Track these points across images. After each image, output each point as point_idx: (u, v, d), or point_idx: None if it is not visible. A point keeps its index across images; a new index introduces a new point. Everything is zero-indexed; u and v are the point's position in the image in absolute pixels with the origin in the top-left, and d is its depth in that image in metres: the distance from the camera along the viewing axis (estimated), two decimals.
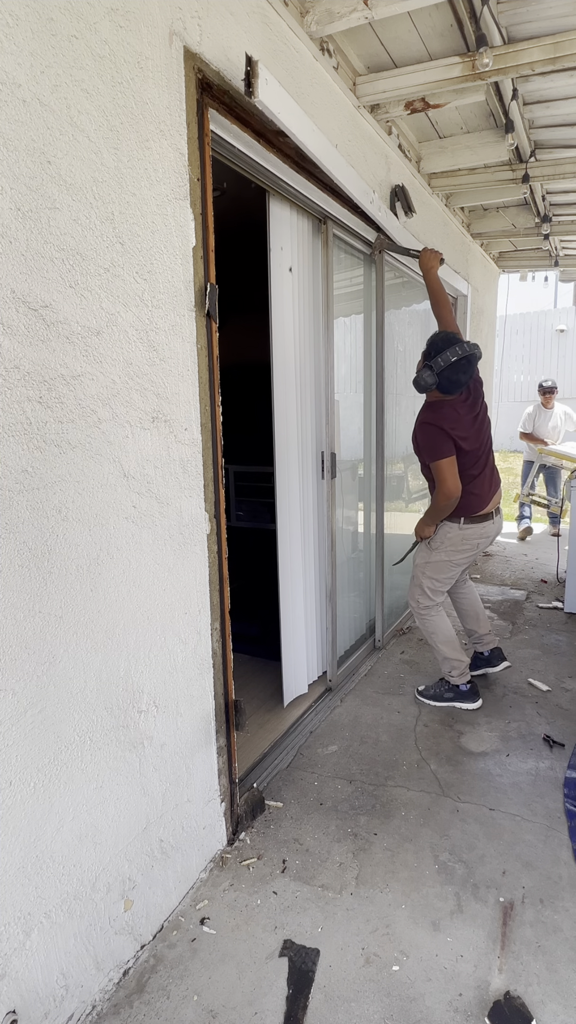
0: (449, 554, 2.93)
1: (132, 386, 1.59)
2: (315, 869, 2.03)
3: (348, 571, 3.50)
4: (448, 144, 3.71)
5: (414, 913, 1.86)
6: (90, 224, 1.42)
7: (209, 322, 1.88)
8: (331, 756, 2.66)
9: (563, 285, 17.00)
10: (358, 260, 3.37)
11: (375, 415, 3.65)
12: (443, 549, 2.93)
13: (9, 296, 1.24)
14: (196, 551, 1.89)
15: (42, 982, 1.43)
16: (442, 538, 2.93)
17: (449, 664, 3.04)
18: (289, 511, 2.86)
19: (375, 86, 2.81)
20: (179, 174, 1.71)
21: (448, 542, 2.92)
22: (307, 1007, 1.58)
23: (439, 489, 2.77)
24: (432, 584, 3.01)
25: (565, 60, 2.50)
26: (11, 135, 1.22)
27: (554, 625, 4.16)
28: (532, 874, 1.99)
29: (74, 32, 1.35)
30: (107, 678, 1.57)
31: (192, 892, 1.95)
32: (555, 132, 3.54)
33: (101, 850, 1.58)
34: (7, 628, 1.29)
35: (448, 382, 2.68)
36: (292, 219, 2.66)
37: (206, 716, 1.99)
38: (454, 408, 2.78)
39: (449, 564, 2.96)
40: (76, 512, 1.44)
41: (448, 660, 3.03)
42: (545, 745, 2.70)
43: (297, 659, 3.01)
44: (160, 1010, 1.59)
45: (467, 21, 2.44)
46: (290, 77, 2.28)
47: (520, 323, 16.06)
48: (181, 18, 1.68)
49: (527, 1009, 1.55)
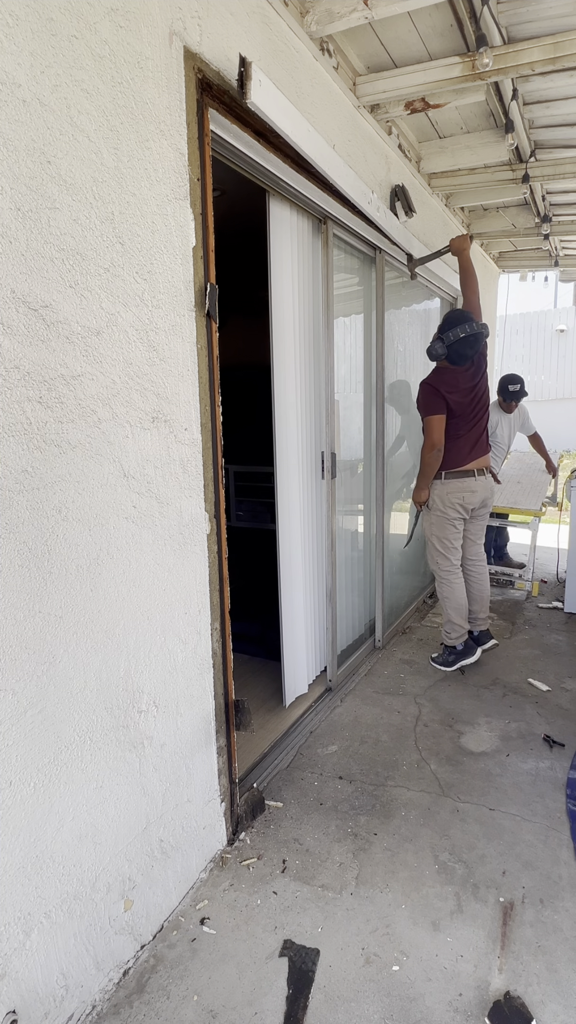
0: (441, 510, 3.36)
1: (132, 386, 1.59)
2: (315, 869, 2.03)
3: (348, 571, 3.50)
4: (448, 144, 3.70)
5: (414, 913, 1.86)
6: (90, 224, 1.42)
7: (209, 322, 1.88)
8: (331, 756, 2.65)
9: (563, 285, 17.01)
10: (358, 260, 3.37)
11: (375, 415, 3.65)
12: (436, 507, 3.38)
13: (9, 296, 1.24)
14: (196, 551, 1.89)
15: (42, 982, 1.43)
16: (433, 497, 3.39)
17: (451, 626, 3.48)
18: (289, 511, 2.86)
19: (375, 86, 2.81)
20: (179, 174, 1.71)
21: (437, 499, 3.36)
22: (307, 1007, 1.58)
23: (425, 440, 3.27)
24: (440, 543, 3.42)
25: (565, 60, 2.50)
26: (11, 135, 1.22)
27: (554, 625, 4.16)
28: (532, 874, 1.99)
29: (74, 32, 1.35)
30: (107, 678, 1.57)
31: (192, 892, 1.95)
32: (555, 132, 3.54)
33: (101, 850, 1.58)
34: (7, 628, 1.29)
35: (456, 354, 3.16)
36: (292, 219, 2.66)
37: (206, 716, 1.99)
38: (455, 376, 3.22)
39: (444, 519, 3.37)
40: (76, 512, 1.44)
41: (451, 623, 3.48)
42: (545, 745, 2.70)
43: (297, 659, 3.01)
44: (160, 1010, 1.59)
45: (467, 21, 2.44)
46: (290, 77, 2.28)
47: (520, 323, 16.06)
48: (181, 18, 1.68)
49: (527, 1009, 1.55)
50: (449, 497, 3.32)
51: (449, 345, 3.13)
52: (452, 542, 3.41)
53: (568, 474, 5.22)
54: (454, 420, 3.22)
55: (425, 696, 3.18)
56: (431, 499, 3.38)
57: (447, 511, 3.34)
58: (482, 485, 3.37)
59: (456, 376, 3.21)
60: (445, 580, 3.47)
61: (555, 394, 15.36)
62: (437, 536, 3.41)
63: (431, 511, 3.40)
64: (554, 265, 6.29)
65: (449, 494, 3.31)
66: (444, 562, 3.44)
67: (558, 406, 15.05)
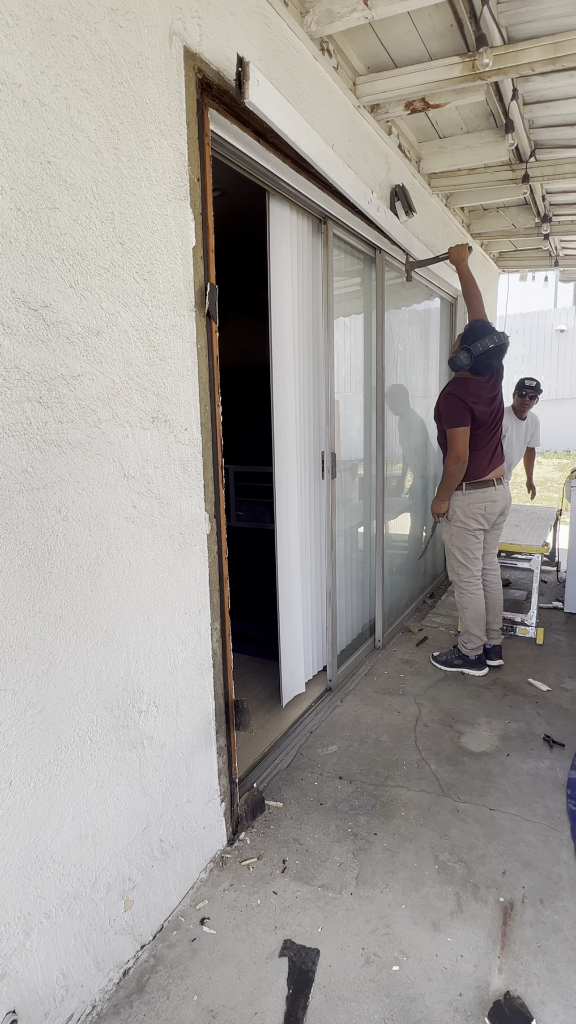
0: (463, 520, 3.32)
1: (132, 386, 1.59)
2: (315, 869, 2.03)
3: (348, 571, 3.50)
4: (448, 144, 3.70)
5: (414, 913, 1.86)
6: (90, 224, 1.42)
7: (209, 322, 1.88)
8: (331, 756, 2.65)
9: (563, 285, 17.02)
10: (358, 260, 3.37)
11: (375, 415, 3.65)
12: (456, 517, 3.33)
13: (9, 296, 1.24)
14: (196, 551, 1.89)
15: (42, 982, 1.43)
16: (453, 508, 3.33)
17: (468, 636, 3.45)
18: (289, 511, 2.86)
19: (375, 86, 2.81)
20: (179, 174, 1.71)
21: (458, 509, 3.31)
22: (307, 1007, 1.58)
23: (449, 453, 3.20)
24: (462, 553, 3.38)
25: (565, 60, 2.50)
26: (11, 135, 1.22)
27: (554, 625, 4.16)
28: (532, 874, 1.99)
29: (74, 32, 1.35)
30: (107, 678, 1.57)
31: (192, 892, 1.95)
32: (555, 132, 3.54)
33: (101, 850, 1.58)
34: (7, 628, 1.29)
35: (482, 365, 3.12)
36: (292, 219, 2.66)
37: (206, 716, 1.99)
38: (478, 386, 3.19)
39: (465, 530, 3.33)
40: (76, 512, 1.44)
41: (469, 633, 3.45)
42: (545, 745, 2.70)
43: (297, 659, 3.01)
44: (160, 1010, 1.59)
45: (467, 21, 2.44)
46: (289, 77, 2.28)
47: (520, 323, 16.07)
48: (181, 18, 1.68)
49: (527, 1009, 1.55)
50: (471, 508, 3.28)
51: (476, 356, 3.08)
52: (474, 552, 3.37)
53: (568, 474, 5.21)
54: (476, 431, 3.19)
55: (425, 696, 3.18)
56: (451, 510, 3.33)
57: (468, 522, 3.30)
58: (502, 494, 3.35)
59: (479, 386, 3.18)
60: (466, 590, 3.44)
61: (555, 394, 15.36)
62: (458, 547, 3.38)
63: (451, 523, 3.36)
64: (554, 265, 6.29)
65: (471, 504, 3.27)
66: (465, 572, 3.41)
67: (558, 406, 15.06)
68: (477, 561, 3.41)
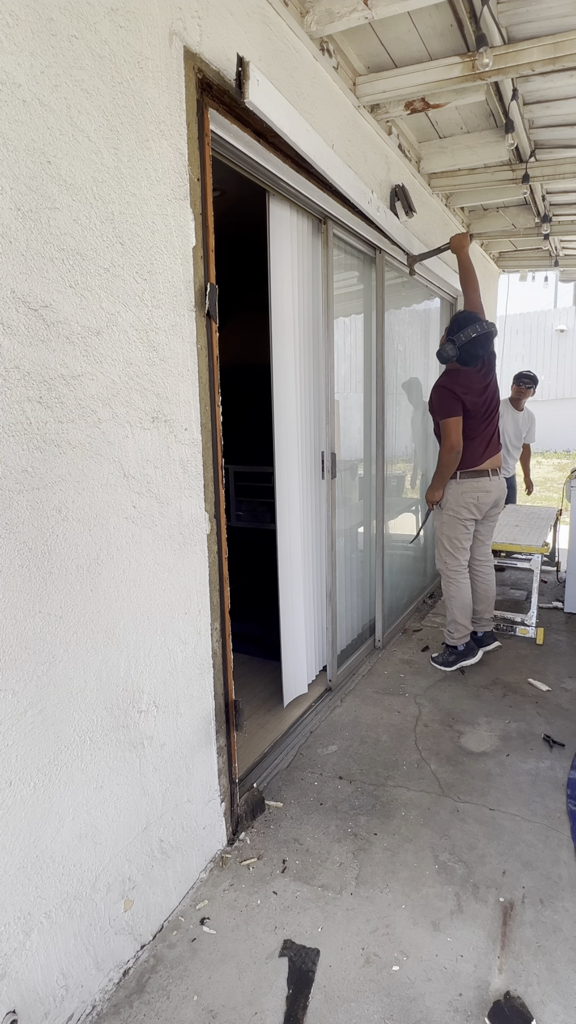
0: (455, 509, 3.35)
1: (132, 386, 1.59)
2: (315, 869, 2.03)
3: (348, 571, 3.50)
4: (448, 144, 3.70)
5: (414, 913, 1.86)
6: (90, 224, 1.42)
7: (209, 322, 1.88)
8: (331, 756, 2.65)
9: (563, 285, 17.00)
10: (358, 260, 3.37)
11: (375, 415, 3.65)
12: (448, 506, 3.37)
13: (9, 296, 1.24)
14: (196, 551, 1.89)
15: (42, 982, 1.43)
16: (447, 497, 3.37)
17: (454, 626, 3.49)
18: (289, 511, 2.85)
19: (375, 86, 2.81)
20: (179, 174, 1.71)
21: (451, 499, 3.35)
22: (307, 1007, 1.58)
23: (443, 443, 3.25)
24: (450, 542, 3.42)
25: (565, 60, 2.50)
26: (11, 135, 1.22)
27: (554, 625, 4.16)
28: (532, 874, 1.99)
29: (74, 32, 1.35)
30: (107, 678, 1.57)
31: (192, 892, 1.95)
32: (555, 132, 3.54)
33: (101, 850, 1.58)
34: (7, 628, 1.29)
35: (467, 355, 3.17)
36: (292, 219, 2.66)
37: (206, 716, 1.99)
38: (468, 377, 3.22)
39: (456, 519, 3.37)
40: (76, 512, 1.44)
41: (455, 623, 3.49)
42: (545, 745, 2.70)
43: (297, 659, 3.01)
44: (160, 1010, 1.59)
45: (467, 21, 2.44)
46: (289, 77, 2.28)
47: (520, 323, 16.08)
48: (181, 18, 1.68)
49: (527, 1009, 1.55)
50: (464, 497, 3.32)
51: (460, 347, 3.14)
52: (462, 542, 3.41)
53: (568, 474, 5.21)
54: (469, 421, 3.23)
55: (425, 696, 3.18)
56: (444, 498, 3.38)
57: (459, 511, 3.34)
58: (496, 485, 3.39)
59: (469, 377, 3.22)
60: (452, 579, 3.48)
61: (555, 394, 15.37)
62: (448, 536, 3.42)
63: (443, 511, 3.40)
64: (554, 265, 6.29)
65: (464, 494, 3.32)
66: (452, 561, 3.45)
67: (558, 406, 15.07)
68: (465, 551, 3.45)
